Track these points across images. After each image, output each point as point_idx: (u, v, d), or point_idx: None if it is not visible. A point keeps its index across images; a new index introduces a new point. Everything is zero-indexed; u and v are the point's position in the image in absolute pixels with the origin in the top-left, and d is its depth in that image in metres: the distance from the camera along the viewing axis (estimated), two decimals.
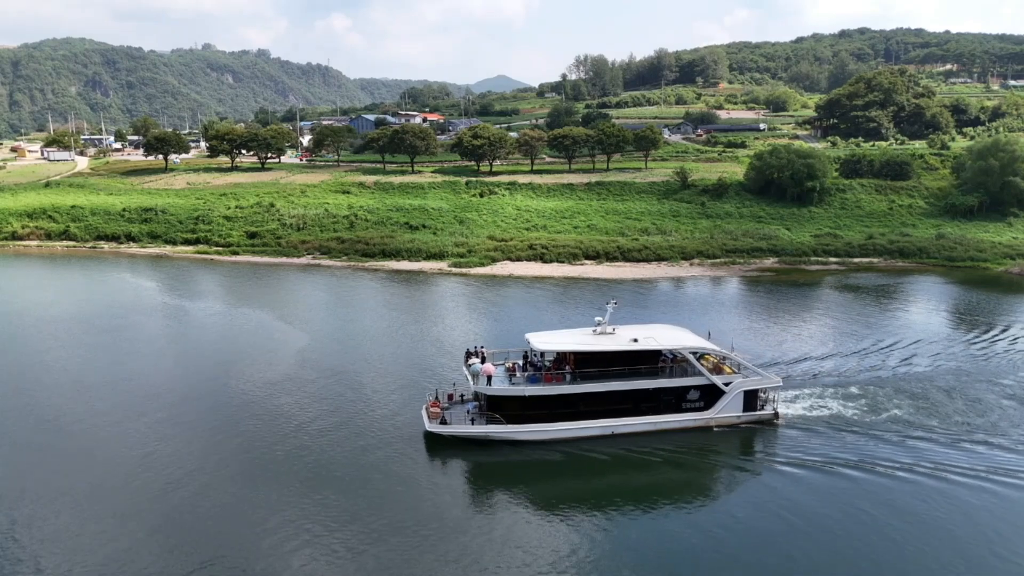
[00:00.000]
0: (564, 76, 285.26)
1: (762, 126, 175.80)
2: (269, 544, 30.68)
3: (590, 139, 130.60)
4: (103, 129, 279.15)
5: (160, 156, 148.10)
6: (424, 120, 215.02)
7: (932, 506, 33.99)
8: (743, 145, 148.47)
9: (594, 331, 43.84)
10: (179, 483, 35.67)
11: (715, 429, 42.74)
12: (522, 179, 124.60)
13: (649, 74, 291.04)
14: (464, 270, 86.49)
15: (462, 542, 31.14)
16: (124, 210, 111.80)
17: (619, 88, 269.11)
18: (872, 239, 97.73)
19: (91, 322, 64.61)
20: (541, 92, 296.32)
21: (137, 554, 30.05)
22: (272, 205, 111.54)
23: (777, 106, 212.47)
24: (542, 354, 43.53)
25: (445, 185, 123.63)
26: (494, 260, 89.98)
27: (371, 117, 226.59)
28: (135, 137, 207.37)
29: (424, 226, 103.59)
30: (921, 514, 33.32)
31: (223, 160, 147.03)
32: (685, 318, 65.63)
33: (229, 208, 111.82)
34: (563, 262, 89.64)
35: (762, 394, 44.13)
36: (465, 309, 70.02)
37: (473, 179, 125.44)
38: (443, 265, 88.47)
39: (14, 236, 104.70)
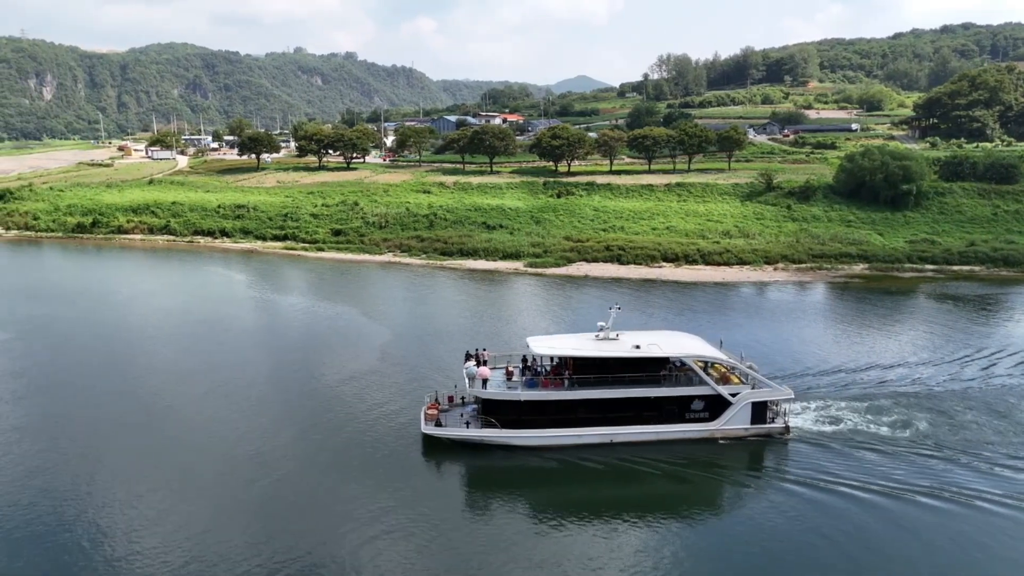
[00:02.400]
0: (646, 76, 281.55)
1: (854, 126, 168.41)
2: (348, 536, 31.72)
3: (671, 139, 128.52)
4: (201, 129, 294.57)
5: (253, 155, 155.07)
6: (504, 121, 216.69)
7: (950, 535, 31.68)
8: (833, 146, 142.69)
9: (597, 336, 42.74)
10: (264, 471, 37.29)
11: (720, 441, 40.93)
12: (600, 180, 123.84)
13: (734, 73, 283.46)
14: (539, 270, 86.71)
15: (443, 544, 30.89)
16: (219, 207, 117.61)
17: (702, 88, 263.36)
18: (974, 246, 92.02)
19: (188, 313, 68.38)
20: (622, 92, 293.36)
21: (222, 534, 31.65)
22: (356, 204, 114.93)
23: (872, 105, 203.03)
24: (541, 358, 42.86)
25: (523, 185, 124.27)
26: (570, 261, 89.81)
27: (452, 118, 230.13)
28: (230, 137, 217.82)
29: (501, 226, 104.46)
30: (937, 543, 31.16)
31: (311, 160, 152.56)
32: (762, 324, 63.99)
33: (316, 206, 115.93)
34: (640, 264, 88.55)
35: (773, 406, 42.14)
36: (538, 310, 70.20)
37: (551, 179, 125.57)
38: (519, 265, 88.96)
39: (120, 230, 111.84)
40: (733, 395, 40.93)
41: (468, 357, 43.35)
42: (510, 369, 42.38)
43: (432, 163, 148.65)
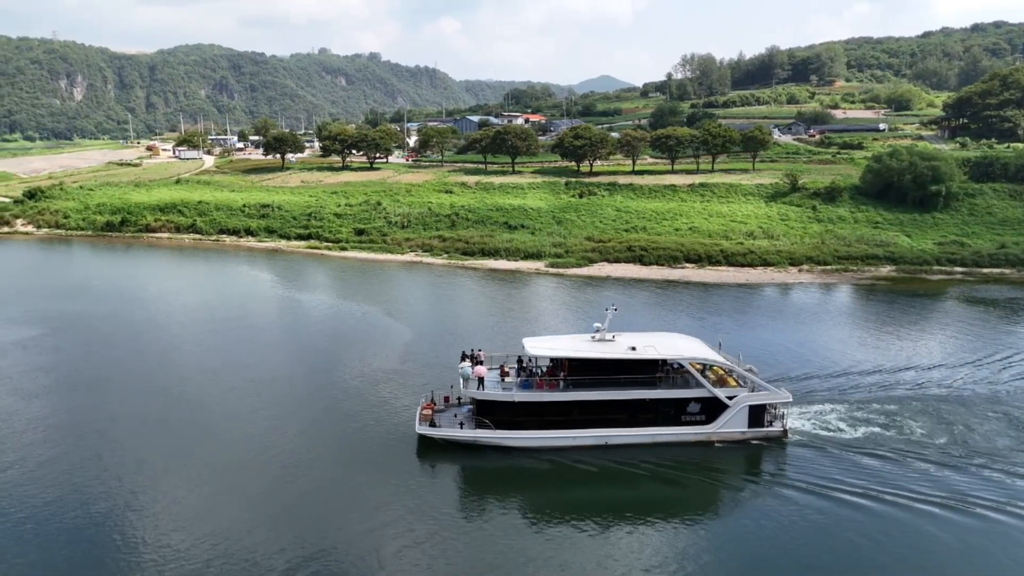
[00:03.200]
0: (669, 76, 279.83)
1: (882, 126, 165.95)
2: (366, 535, 31.98)
3: (694, 139, 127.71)
4: (227, 130, 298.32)
5: (278, 155, 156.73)
6: (526, 121, 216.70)
7: (952, 545, 31.03)
8: (860, 146, 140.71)
9: (593, 337, 42.47)
10: (288, 466, 37.76)
11: (717, 444, 40.48)
12: (622, 180, 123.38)
13: (759, 73, 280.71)
14: (560, 270, 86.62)
15: (434, 545, 30.92)
16: (244, 206, 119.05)
17: (727, 88, 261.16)
18: (1004, 248, 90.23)
19: (214, 310, 69.34)
20: (645, 92, 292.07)
21: (246, 530, 32.08)
22: (379, 204, 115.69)
23: (900, 105, 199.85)
24: (537, 359, 42.67)
25: (544, 185, 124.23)
26: (591, 261, 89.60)
27: (475, 118, 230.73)
28: (256, 137, 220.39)
29: (523, 226, 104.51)
30: (937, 552, 30.58)
31: (335, 159, 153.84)
32: (781, 326, 63.44)
33: (339, 206, 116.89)
34: (662, 265, 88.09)
35: (772, 409, 41.57)
36: (558, 310, 70.14)
37: (573, 180, 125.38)
38: (540, 265, 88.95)
39: (148, 228, 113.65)
40: (730, 398, 40.52)
41: (464, 357, 43.35)
42: (505, 369, 42.24)
43: (454, 163, 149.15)
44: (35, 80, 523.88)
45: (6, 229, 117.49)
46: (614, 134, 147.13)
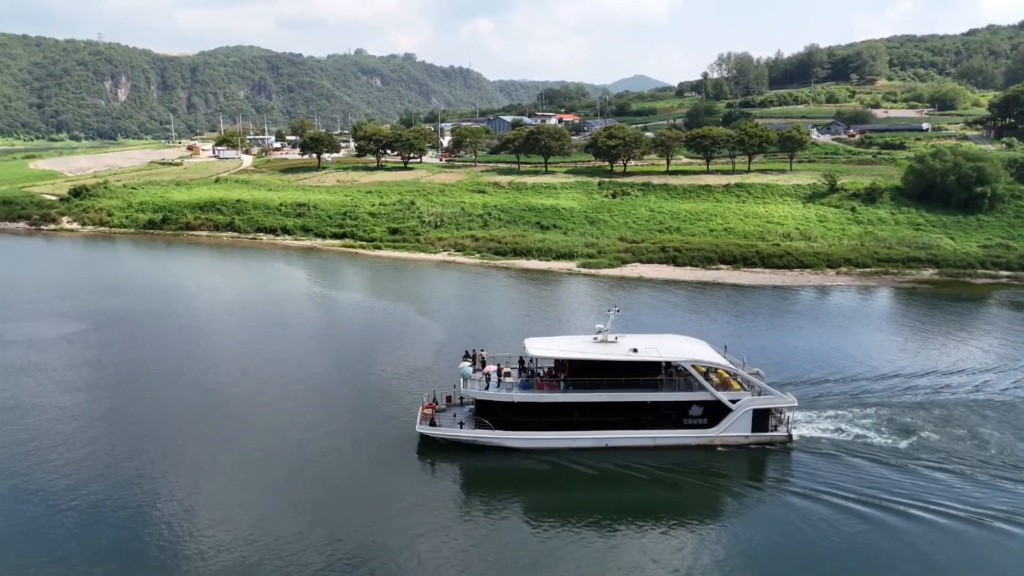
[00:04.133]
0: (705, 75, 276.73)
1: (925, 126, 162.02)
2: (395, 531, 32.25)
3: (730, 139, 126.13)
4: (265, 130, 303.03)
5: (314, 155, 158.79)
6: (559, 121, 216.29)
7: (957, 555, 30.19)
8: (902, 146, 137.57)
9: (595, 339, 42.12)
10: (320, 462, 38.37)
11: (719, 448, 39.85)
12: (656, 180, 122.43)
13: (798, 72, 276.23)
14: (593, 271, 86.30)
15: (426, 544, 31.05)
16: (281, 205, 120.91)
17: (764, 87, 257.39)
18: None
19: (251, 307, 70.63)
20: (680, 91, 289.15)
21: (277, 524, 32.65)
22: (413, 203, 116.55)
23: (944, 104, 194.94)
24: (538, 360, 42.42)
25: (577, 185, 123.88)
26: (624, 262, 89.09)
27: (508, 118, 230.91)
28: (292, 137, 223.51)
29: (555, 226, 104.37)
30: (943, 563, 29.74)
31: (370, 159, 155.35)
32: (821, 329, 62.31)
33: (373, 205, 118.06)
34: (696, 266, 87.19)
35: (777, 413, 40.83)
36: (589, 311, 69.81)
37: (606, 180, 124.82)
38: (572, 265, 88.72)
39: (188, 227, 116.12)
40: (733, 401, 39.95)
41: (466, 357, 43.39)
42: (506, 369, 42.15)
43: (487, 163, 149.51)
44: (81, 81, 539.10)
45: (52, 226, 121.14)
46: (648, 134, 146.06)
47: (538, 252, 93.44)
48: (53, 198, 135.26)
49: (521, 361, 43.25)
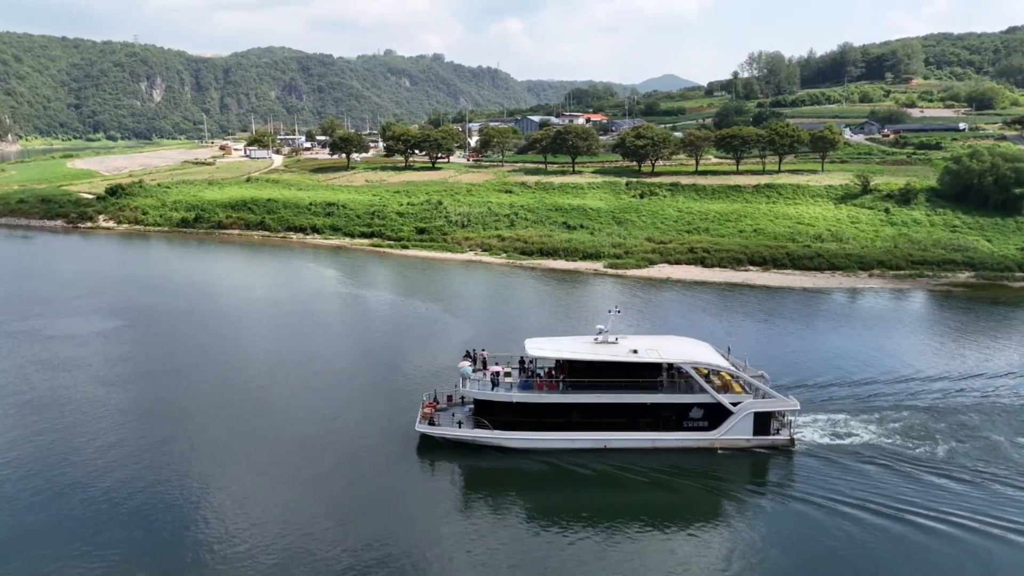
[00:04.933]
0: (735, 74, 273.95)
1: (962, 126, 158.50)
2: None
3: (761, 139, 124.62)
4: (296, 130, 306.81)
5: (343, 155, 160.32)
6: (587, 120, 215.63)
7: (961, 566, 29.31)
8: (938, 146, 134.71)
9: (595, 339, 41.79)
10: (340, 457, 38.77)
11: (720, 451, 39.29)
12: (685, 180, 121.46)
13: (830, 71, 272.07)
14: (620, 271, 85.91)
15: (418, 542, 31.10)
16: (310, 204, 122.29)
17: (795, 86, 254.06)
18: None
19: (281, 305, 71.57)
20: (710, 91, 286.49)
21: (303, 519, 33.04)
22: (440, 203, 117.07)
23: (981, 104, 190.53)
24: (536, 360, 42.23)
25: (605, 186, 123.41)
26: (651, 262, 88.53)
27: (536, 118, 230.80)
28: (322, 137, 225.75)
29: (582, 226, 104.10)
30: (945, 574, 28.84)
31: (398, 159, 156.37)
32: (852, 332, 61.30)
33: (401, 205, 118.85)
34: (725, 267, 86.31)
35: (780, 417, 40.14)
36: (616, 312, 69.48)
37: (634, 180, 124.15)
38: (598, 266, 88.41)
39: (219, 225, 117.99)
40: (734, 404, 39.46)
41: (467, 356, 43.44)
42: (507, 370, 42.04)
43: (515, 163, 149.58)
44: (117, 82, 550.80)
45: (89, 224, 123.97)
46: (677, 134, 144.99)
47: (565, 252, 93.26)
48: (90, 197, 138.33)
49: (521, 361, 43.25)
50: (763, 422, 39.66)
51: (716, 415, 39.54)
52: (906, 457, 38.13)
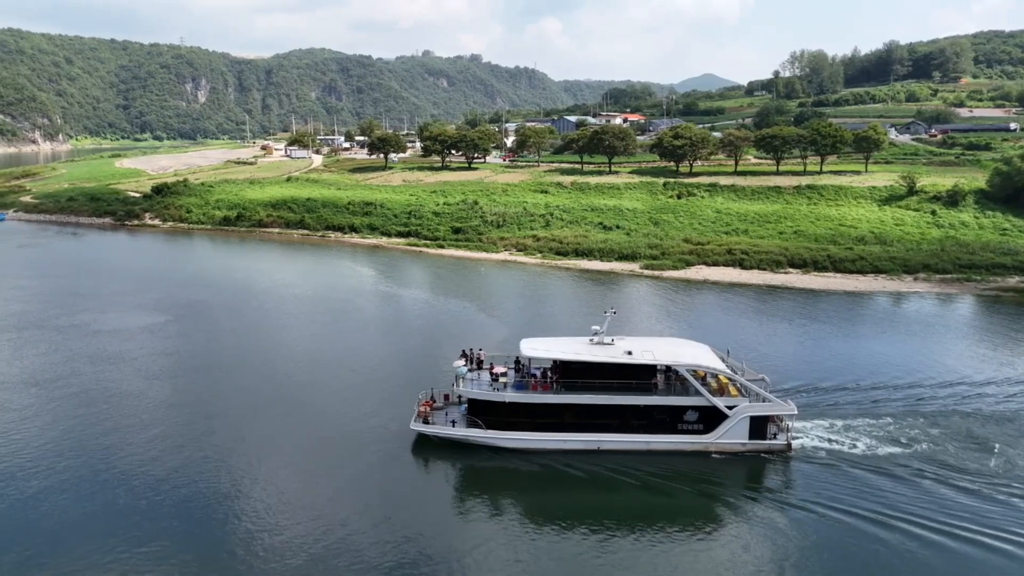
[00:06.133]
0: (776, 73, 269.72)
1: (1013, 126, 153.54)
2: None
3: (802, 139, 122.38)
4: (335, 130, 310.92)
5: (381, 155, 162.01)
6: (624, 120, 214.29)
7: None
8: (987, 147, 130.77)
9: (591, 340, 41.40)
10: (377, 453, 39.11)
11: (715, 455, 38.62)
12: (724, 181, 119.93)
13: (875, 69, 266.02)
14: (656, 272, 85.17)
15: (411, 540, 31.14)
16: (349, 203, 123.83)
17: (839, 85, 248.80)
18: None
19: (320, 302, 72.65)
20: (750, 90, 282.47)
21: (338, 514, 33.47)
22: (476, 203, 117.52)
23: None
24: (529, 361, 41.98)
25: (641, 186, 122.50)
26: (688, 264, 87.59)
27: (572, 118, 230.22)
28: (361, 137, 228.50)
29: (618, 227, 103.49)
30: None
31: (435, 159, 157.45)
32: (895, 337, 59.84)
33: (438, 204, 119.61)
34: (764, 269, 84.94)
35: (778, 421, 39.32)
36: (653, 313, 69.00)
37: (671, 180, 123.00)
38: (635, 267, 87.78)
39: (260, 224, 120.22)
40: (730, 408, 38.88)
41: (463, 356, 43.51)
42: (504, 370, 41.99)
43: (551, 163, 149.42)
44: (164, 84, 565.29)
45: (136, 222, 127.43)
46: (716, 134, 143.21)
47: (600, 253, 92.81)
48: (137, 195, 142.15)
49: (517, 361, 43.24)
50: (759, 426, 39.24)
51: (711, 418, 39.19)
52: (914, 465, 37.24)
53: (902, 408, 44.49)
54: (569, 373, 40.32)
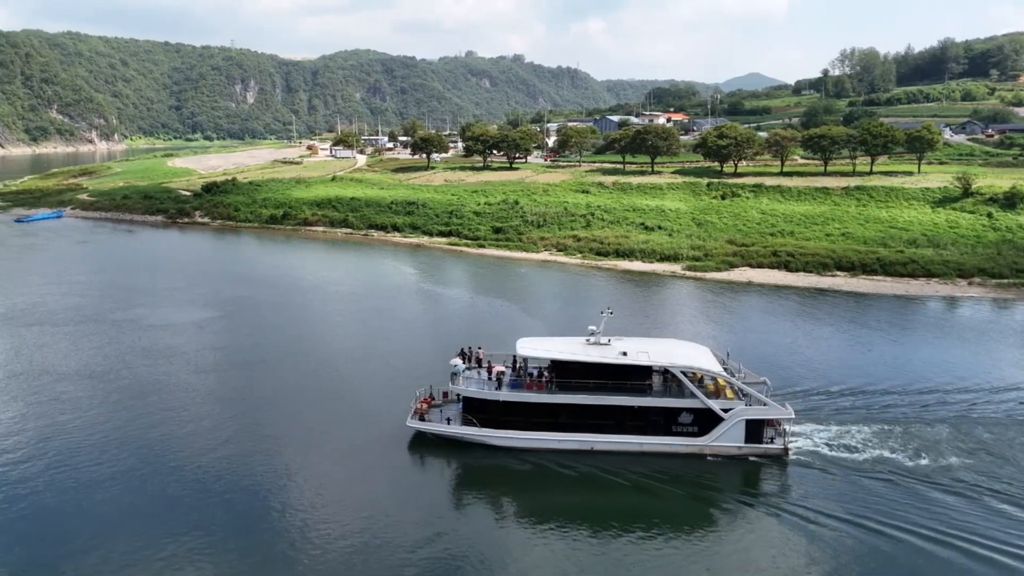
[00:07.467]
0: (825, 72, 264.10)
1: None
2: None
3: (851, 139, 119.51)
4: (379, 130, 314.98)
5: (424, 155, 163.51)
6: (668, 120, 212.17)
7: None
8: None
9: (587, 341, 41.08)
10: (420, 456, 39.56)
11: (710, 458, 37.93)
12: (769, 181, 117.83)
13: (929, 67, 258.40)
14: (699, 274, 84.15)
15: (406, 538, 31.14)
16: (392, 203, 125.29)
17: (891, 84, 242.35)
18: None
19: (363, 300, 73.74)
20: (797, 90, 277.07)
21: (383, 512, 34.00)
22: (517, 203, 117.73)
23: None
24: (525, 360, 41.73)
25: (684, 186, 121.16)
26: (732, 265, 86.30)
27: (615, 118, 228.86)
28: (404, 138, 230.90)
29: (660, 227, 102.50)
30: None
31: (476, 159, 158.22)
32: (948, 343, 58.04)
33: (479, 204, 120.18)
34: (811, 272, 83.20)
35: (776, 425, 38.36)
36: (695, 315, 68.22)
37: (715, 180, 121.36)
38: (676, 268, 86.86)
39: (305, 223, 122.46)
40: (725, 410, 38.24)
41: (461, 354, 43.58)
42: (501, 369, 41.90)
43: (592, 163, 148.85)
44: (214, 85, 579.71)
45: (186, 220, 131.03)
46: (762, 134, 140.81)
47: (641, 253, 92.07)
48: (187, 194, 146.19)
49: (514, 360, 43.27)
50: (755, 429, 38.64)
51: (706, 421, 38.77)
52: (915, 472, 36.21)
53: (954, 414, 43.25)
54: (565, 373, 40.49)
